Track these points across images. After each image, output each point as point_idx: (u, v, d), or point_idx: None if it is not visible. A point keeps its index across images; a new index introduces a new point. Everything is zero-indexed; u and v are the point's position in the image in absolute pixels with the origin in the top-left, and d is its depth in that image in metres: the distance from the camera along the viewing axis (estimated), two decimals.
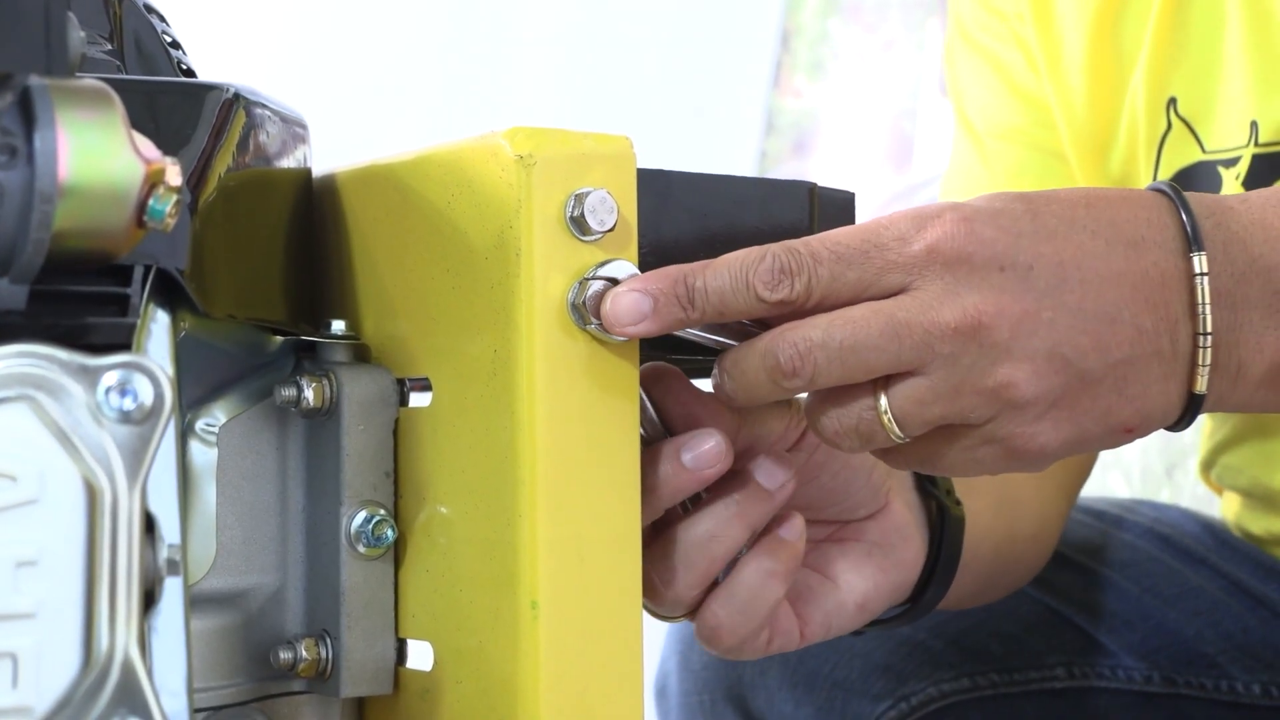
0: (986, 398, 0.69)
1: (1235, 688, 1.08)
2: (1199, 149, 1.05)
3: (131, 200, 0.59)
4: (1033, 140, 1.13)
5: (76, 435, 0.57)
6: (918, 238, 0.69)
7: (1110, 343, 0.70)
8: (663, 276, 0.70)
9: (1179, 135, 1.06)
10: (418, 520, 0.73)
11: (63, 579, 0.57)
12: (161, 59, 0.77)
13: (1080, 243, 0.71)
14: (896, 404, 0.70)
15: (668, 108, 2.57)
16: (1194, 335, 0.71)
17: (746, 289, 0.69)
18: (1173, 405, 0.72)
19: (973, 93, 1.17)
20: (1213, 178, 1.04)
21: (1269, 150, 1.01)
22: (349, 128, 1.80)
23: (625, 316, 0.69)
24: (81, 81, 0.58)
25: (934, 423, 0.70)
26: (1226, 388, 0.73)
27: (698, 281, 0.70)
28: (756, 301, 0.69)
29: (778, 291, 0.69)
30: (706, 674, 1.10)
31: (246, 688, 0.72)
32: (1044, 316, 0.69)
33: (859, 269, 0.69)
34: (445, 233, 0.72)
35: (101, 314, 0.62)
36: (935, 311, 0.68)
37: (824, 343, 0.69)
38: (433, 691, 0.72)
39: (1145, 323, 0.71)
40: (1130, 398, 0.71)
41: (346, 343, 0.74)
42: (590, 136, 0.70)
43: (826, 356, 0.69)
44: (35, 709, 0.56)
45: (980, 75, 1.16)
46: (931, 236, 0.69)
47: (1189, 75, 1.05)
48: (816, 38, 2.65)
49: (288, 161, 0.75)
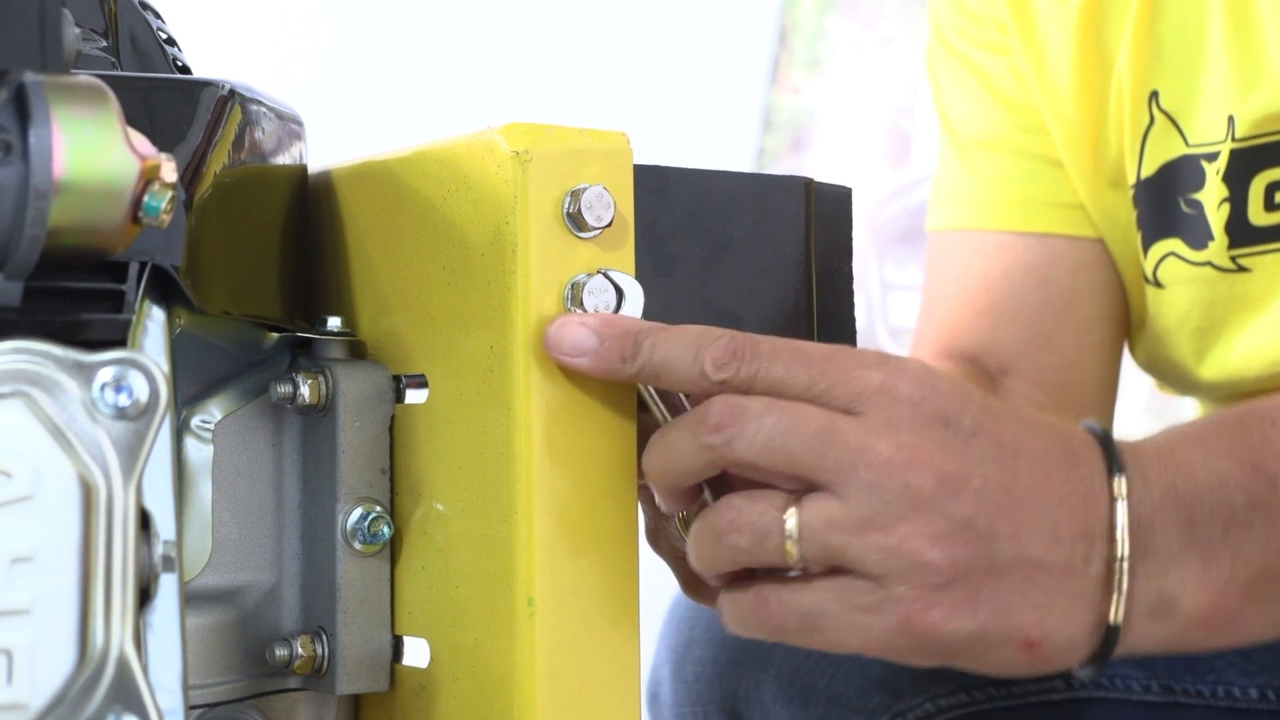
0: (891, 548, 0.67)
1: (1233, 693, 1.08)
2: (1183, 142, 1.05)
3: (126, 196, 0.59)
4: (1017, 147, 1.13)
5: (71, 431, 0.57)
6: (879, 369, 0.68)
7: (1026, 537, 0.68)
8: (617, 324, 0.69)
9: (1162, 129, 1.05)
10: (414, 517, 0.73)
11: (58, 575, 0.57)
12: (156, 55, 0.77)
13: (1021, 435, 0.69)
14: (804, 517, 0.67)
15: (665, 104, 2.57)
16: (1110, 562, 0.69)
17: (694, 360, 0.68)
18: (1081, 629, 0.69)
19: (954, 101, 1.17)
20: (1196, 171, 1.04)
21: (1246, 145, 1.01)
22: (345, 124, 1.80)
23: (565, 346, 0.68)
24: (76, 78, 0.58)
25: (834, 555, 0.67)
26: (1147, 624, 0.70)
27: (648, 340, 0.69)
28: (700, 375, 0.68)
29: (723, 371, 0.68)
30: (700, 686, 1.09)
31: (242, 685, 0.72)
32: (972, 483, 0.67)
33: (814, 372, 0.68)
34: (441, 229, 0.71)
35: (97, 310, 0.62)
36: (873, 436, 0.67)
37: (760, 415, 0.67)
38: (429, 688, 0.72)
39: (1064, 533, 0.69)
40: (1035, 604, 0.68)
41: (342, 339, 0.74)
42: (587, 133, 0.70)
43: (756, 428, 0.67)
44: (30, 705, 0.56)
45: (961, 83, 1.16)
46: (893, 373, 0.68)
47: (1171, 69, 1.04)
48: (814, 34, 2.65)
49: (283, 158, 0.75)
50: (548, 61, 2.58)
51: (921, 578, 0.67)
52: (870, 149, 2.61)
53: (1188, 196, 1.04)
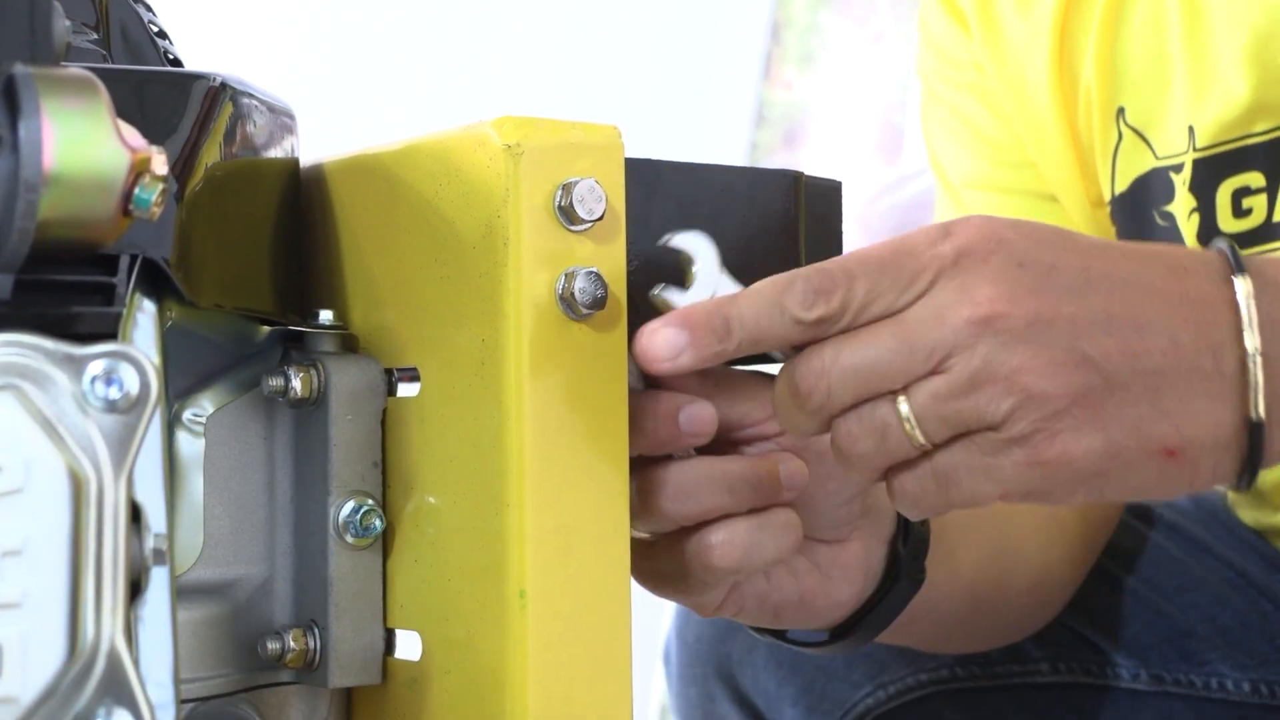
0: (1002, 386, 0.67)
1: (1225, 685, 1.08)
2: (1152, 156, 1.04)
3: (117, 189, 0.58)
4: (1006, 185, 1.13)
5: (62, 424, 0.57)
6: (946, 241, 0.68)
7: (1139, 349, 0.67)
8: (696, 310, 0.69)
9: (1131, 144, 1.05)
10: (406, 510, 0.73)
11: (48, 568, 0.57)
12: (148, 48, 0.77)
13: (1111, 258, 0.69)
14: (916, 402, 0.68)
15: (658, 99, 2.57)
16: (1241, 359, 0.68)
17: (781, 312, 0.68)
18: (1223, 430, 0.68)
19: (942, 146, 1.17)
20: (1165, 184, 1.04)
21: (1207, 154, 1.01)
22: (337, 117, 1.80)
23: (663, 352, 0.68)
24: (67, 70, 0.58)
25: (952, 422, 0.68)
26: None
27: (731, 311, 0.69)
28: (794, 325, 0.68)
29: (814, 310, 0.68)
30: (699, 647, 1.10)
31: (234, 678, 0.72)
32: (1063, 312, 0.67)
33: (892, 276, 0.68)
34: (433, 222, 0.71)
35: (87, 303, 0.62)
36: (948, 310, 0.67)
37: (834, 361, 0.68)
38: (421, 681, 0.72)
39: (1183, 338, 0.68)
40: (1166, 412, 0.68)
41: (334, 333, 0.74)
42: (578, 126, 0.70)
43: (840, 374, 0.68)
44: (21, 699, 0.56)
45: (947, 127, 1.16)
46: (959, 238, 0.68)
47: (1134, 84, 1.04)
48: (806, 29, 2.65)
49: (275, 151, 0.75)
50: (541, 55, 2.58)
51: (1039, 410, 0.67)
52: (862, 144, 2.61)
53: (1160, 209, 1.04)
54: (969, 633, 0.99)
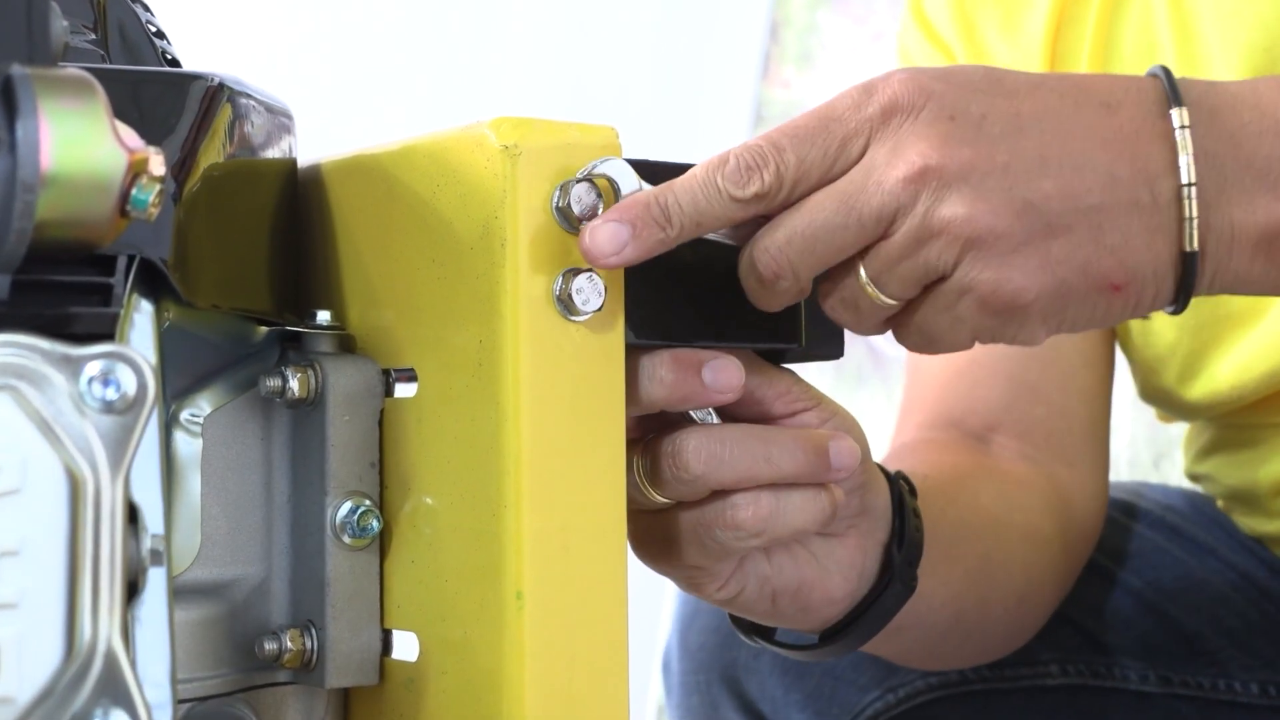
0: (946, 239, 0.68)
1: (1233, 686, 1.08)
2: None
3: (114, 190, 0.58)
4: None
5: (59, 425, 0.57)
6: (870, 102, 0.69)
7: (1078, 189, 0.69)
8: (634, 203, 0.69)
9: None
10: (403, 511, 0.73)
11: (45, 569, 0.57)
12: (146, 48, 0.77)
13: (1043, 99, 0.70)
14: (871, 268, 0.70)
15: (656, 98, 2.57)
16: (1176, 188, 0.69)
17: (718, 192, 0.69)
18: (1162, 262, 0.70)
19: None
20: None
21: None
22: (334, 117, 1.80)
23: (606, 246, 0.68)
24: (64, 71, 0.58)
25: (909, 279, 0.70)
26: (1222, 252, 0.71)
27: (668, 199, 0.69)
28: (731, 203, 0.69)
29: (749, 187, 0.69)
30: (702, 655, 1.10)
31: (231, 679, 0.72)
32: (998, 159, 0.68)
33: (821, 145, 0.69)
34: (431, 223, 0.71)
35: (84, 304, 0.62)
36: (882, 171, 0.68)
37: (789, 239, 0.69)
38: (418, 682, 0.72)
39: (1120, 172, 0.69)
40: (1110, 248, 0.69)
41: (332, 333, 0.74)
42: (576, 127, 0.70)
43: (796, 250, 0.69)
44: (17, 699, 0.56)
45: None
46: (883, 97, 0.69)
47: None
48: (805, 29, 2.65)
49: (273, 151, 0.75)
50: (539, 55, 2.57)
51: (986, 253, 0.68)
52: None
53: None
54: (952, 648, 0.98)
